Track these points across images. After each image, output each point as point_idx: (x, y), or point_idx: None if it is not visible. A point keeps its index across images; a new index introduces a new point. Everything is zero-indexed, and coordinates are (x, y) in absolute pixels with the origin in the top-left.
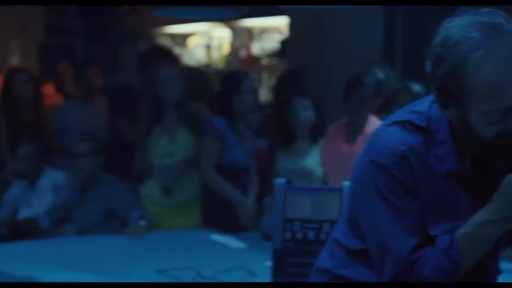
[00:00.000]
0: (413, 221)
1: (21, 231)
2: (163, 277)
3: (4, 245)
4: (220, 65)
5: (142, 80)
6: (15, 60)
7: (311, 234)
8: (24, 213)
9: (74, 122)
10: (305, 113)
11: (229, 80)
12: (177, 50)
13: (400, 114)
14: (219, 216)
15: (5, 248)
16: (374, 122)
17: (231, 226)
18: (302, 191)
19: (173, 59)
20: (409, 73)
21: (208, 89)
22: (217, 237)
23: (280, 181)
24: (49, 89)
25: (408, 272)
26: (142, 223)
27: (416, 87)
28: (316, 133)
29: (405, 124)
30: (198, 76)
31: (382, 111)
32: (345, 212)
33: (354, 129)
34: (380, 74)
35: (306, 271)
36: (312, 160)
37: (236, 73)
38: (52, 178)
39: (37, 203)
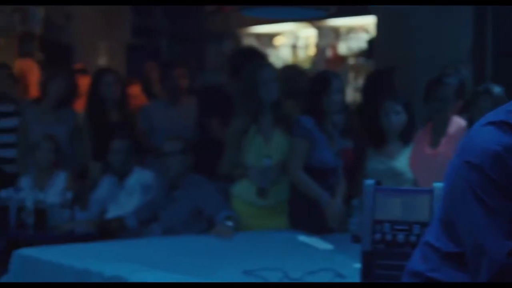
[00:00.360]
0: (510, 223)
1: (108, 230)
2: (250, 277)
3: (92, 244)
4: (306, 65)
5: (231, 80)
6: (102, 61)
7: (401, 236)
8: (112, 212)
9: (160, 123)
10: (396, 117)
11: (318, 80)
12: (262, 50)
13: (496, 114)
14: (306, 217)
15: (93, 247)
16: (457, 123)
17: (319, 228)
18: (392, 192)
19: (262, 59)
20: (498, 74)
21: (302, 88)
22: (304, 238)
23: (369, 182)
24: (135, 90)
25: (506, 275)
26: (230, 223)
27: (497, 89)
28: (407, 134)
29: (501, 124)
30: (296, 76)
31: (463, 112)
32: (438, 214)
33: (437, 132)
34: (464, 73)
35: (395, 273)
36: (403, 161)
37: (325, 73)
38: (141, 177)
39: (125, 202)
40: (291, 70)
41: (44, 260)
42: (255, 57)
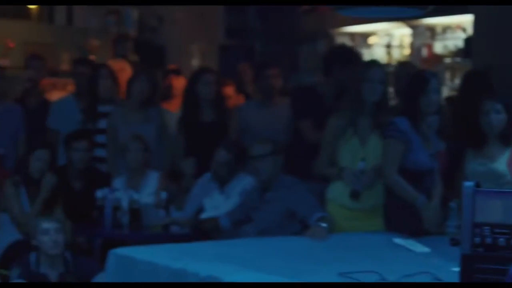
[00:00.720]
0: None
1: (202, 230)
2: (345, 280)
3: (187, 244)
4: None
5: (325, 80)
6: (195, 62)
7: (501, 240)
8: (208, 213)
9: (254, 123)
10: (497, 116)
11: (415, 79)
12: (356, 50)
13: None
14: (402, 219)
15: (188, 247)
16: None
17: (415, 230)
18: (492, 194)
19: (356, 58)
20: None
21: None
22: (400, 241)
23: (468, 184)
24: (229, 90)
25: None
26: (324, 225)
27: None
28: (507, 135)
29: None
30: (409, 73)
31: None
32: None
33: None
34: None
35: (495, 277)
36: (503, 163)
37: (423, 72)
38: (242, 183)
39: (222, 204)
40: (405, 68)
41: (140, 259)
42: (348, 57)
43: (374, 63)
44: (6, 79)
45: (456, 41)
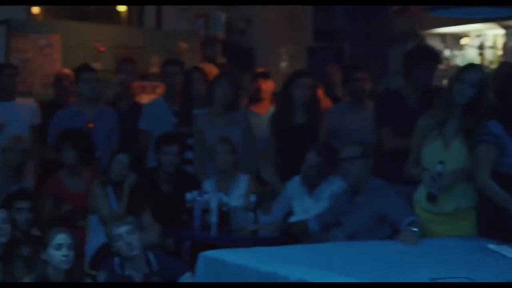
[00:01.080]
0: None
1: (291, 234)
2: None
3: (277, 248)
4: (494, 67)
5: (406, 82)
6: (283, 64)
7: None
8: (297, 217)
9: (343, 126)
10: None
11: (510, 81)
12: (448, 51)
13: None
14: (495, 225)
15: (277, 251)
16: None
17: (509, 236)
18: None
19: (437, 59)
20: None
21: None
22: (493, 246)
23: None
24: (318, 93)
25: None
26: (415, 229)
27: None
28: None
29: None
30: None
31: None
32: None
33: None
34: None
35: None
36: None
37: None
38: (332, 186)
39: (311, 207)
40: (506, 68)
41: (230, 262)
42: (428, 57)
43: (472, 66)
44: (100, 82)
45: None
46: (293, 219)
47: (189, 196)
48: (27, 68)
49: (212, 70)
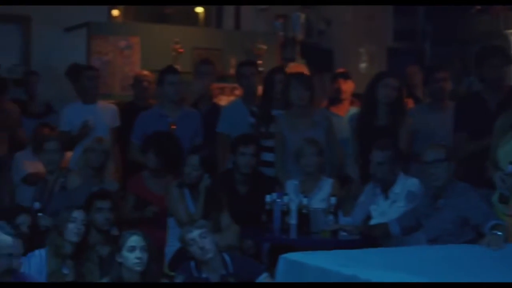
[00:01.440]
0: None
1: (372, 237)
2: None
3: (357, 251)
4: None
5: (483, 84)
6: (363, 65)
7: None
8: (376, 219)
9: (423, 127)
10: None
11: None
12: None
13: None
14: None
15: (358, 254)
16: None
17: None
18: None
19: (506, 58)
20: None
21: None
22: None
23: None
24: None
25: None
26: (499, 233)
27: None
28: None
29: None
30: None
31: None
32: None
33: None
34: None
35: None
36: None
37: None
38: (406, 185)
39: (389, 210)
40: None
41: (310, 264)
42: (495, 56)
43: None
44: (183, 84)
45: None
46: (372, 222)
47: (268, 198)
48: (108, 70)
49: (303, 70)
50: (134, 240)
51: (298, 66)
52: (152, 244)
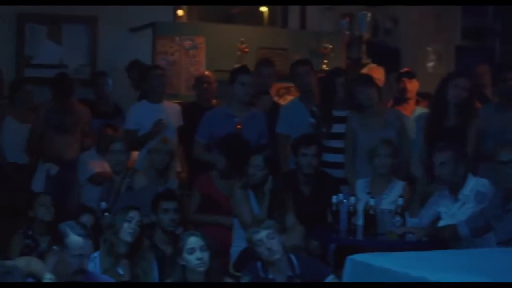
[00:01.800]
0: None
1: (440, 239)
2: None
3: (425, 252)
4: None
5: None
6: (430, 64)
7: None
8: (445, 221)
9: (493, 127)
10: None
11: None
12: None
13: None
14: None
15: (426, 255)
16: None
17: None
18: None
19: None
20: None
21: None
22: None
23: None
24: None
25: None
26: None
27: None
28: None
29: None
30: None
31: None
32: None
33: None
34: None
35: None
36: None
37: None
38: (476, 185)
39: (459, 212)
40: None
41: (378, 266)
42: None
43: None
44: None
45: None
46: (441, 223)
47: (335, 198)
48: (173, 70)
49: (379, 73)
50: (192, 241)
51: (375, 69)
52: (211, 242)
